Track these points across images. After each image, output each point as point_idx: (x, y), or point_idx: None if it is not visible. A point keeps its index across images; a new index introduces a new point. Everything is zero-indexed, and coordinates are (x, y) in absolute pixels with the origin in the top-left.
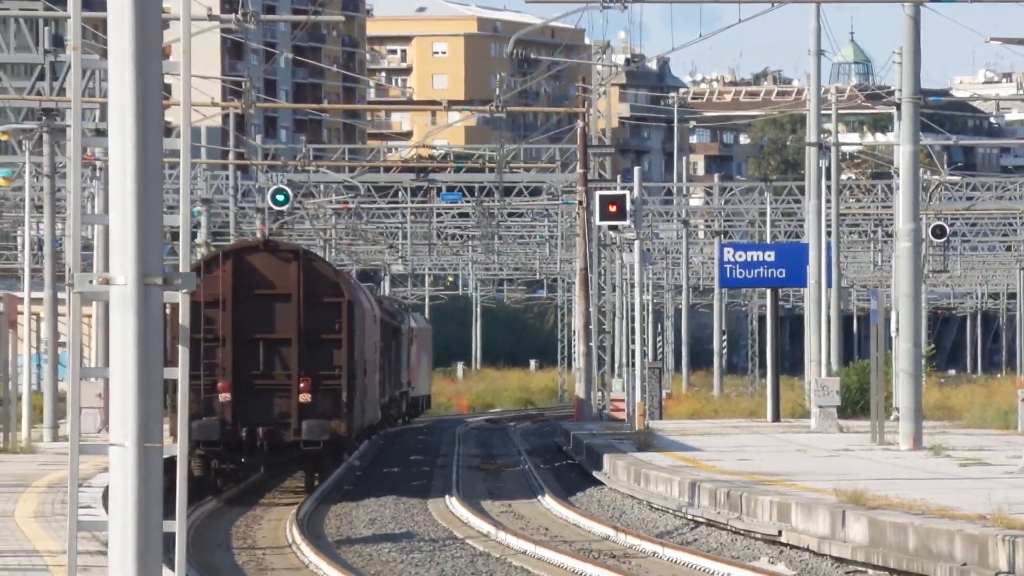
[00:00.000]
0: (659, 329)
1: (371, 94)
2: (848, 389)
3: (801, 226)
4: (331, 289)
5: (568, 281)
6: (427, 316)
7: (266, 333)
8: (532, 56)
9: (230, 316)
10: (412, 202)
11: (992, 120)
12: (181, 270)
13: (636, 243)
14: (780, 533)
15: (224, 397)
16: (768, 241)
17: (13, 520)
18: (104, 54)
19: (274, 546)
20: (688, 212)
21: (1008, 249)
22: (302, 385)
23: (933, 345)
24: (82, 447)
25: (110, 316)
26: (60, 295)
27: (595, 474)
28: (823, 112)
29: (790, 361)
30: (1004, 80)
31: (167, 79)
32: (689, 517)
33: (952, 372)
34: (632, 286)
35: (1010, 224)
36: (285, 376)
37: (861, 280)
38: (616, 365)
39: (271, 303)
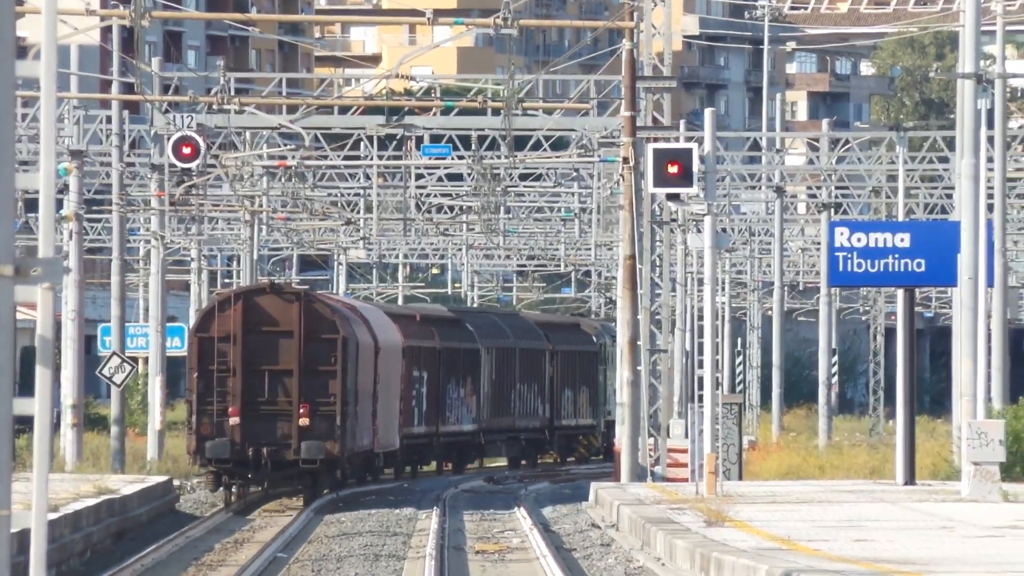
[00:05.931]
0: (740, 347)
1: (321, 0)
2: (1017, 438)
3: (949, 196)
4: (328, 326)
5: (607, 276)
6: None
7: (271, 365)
8: None
9: (240, 350)
10: (380, 158)
11: None
12: (41, 254)
13: (708, 220)
14: None
15: (234, 420)
16: (901, 218)
17: None
18: None
19: None
20: (784, 175)
21: None
22: (302, 410)
23: None
24: None
25: None
26: None
27: (641, 560)
28: (984, 28)
29: (931, 395)
30: None
31: None
32: None
33: None
34: (701, 283)
35: None
36: (287, 402)
37: None
38: (677, 399)
39: (276, 338)
